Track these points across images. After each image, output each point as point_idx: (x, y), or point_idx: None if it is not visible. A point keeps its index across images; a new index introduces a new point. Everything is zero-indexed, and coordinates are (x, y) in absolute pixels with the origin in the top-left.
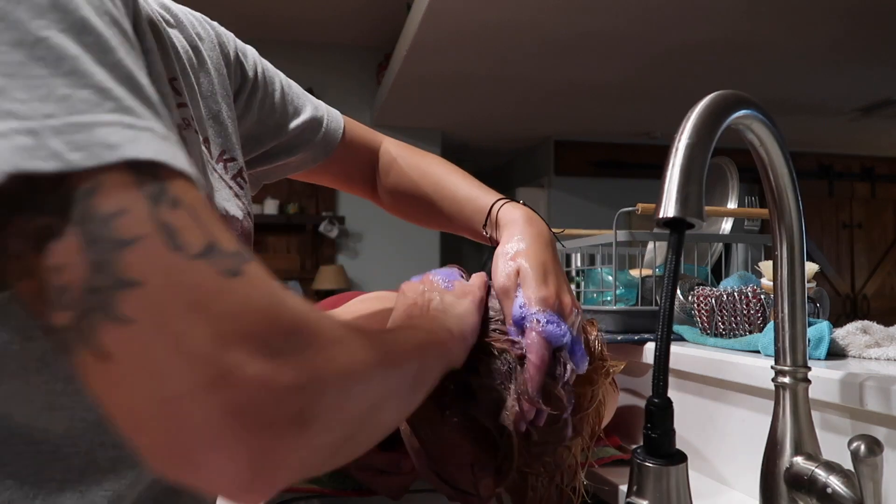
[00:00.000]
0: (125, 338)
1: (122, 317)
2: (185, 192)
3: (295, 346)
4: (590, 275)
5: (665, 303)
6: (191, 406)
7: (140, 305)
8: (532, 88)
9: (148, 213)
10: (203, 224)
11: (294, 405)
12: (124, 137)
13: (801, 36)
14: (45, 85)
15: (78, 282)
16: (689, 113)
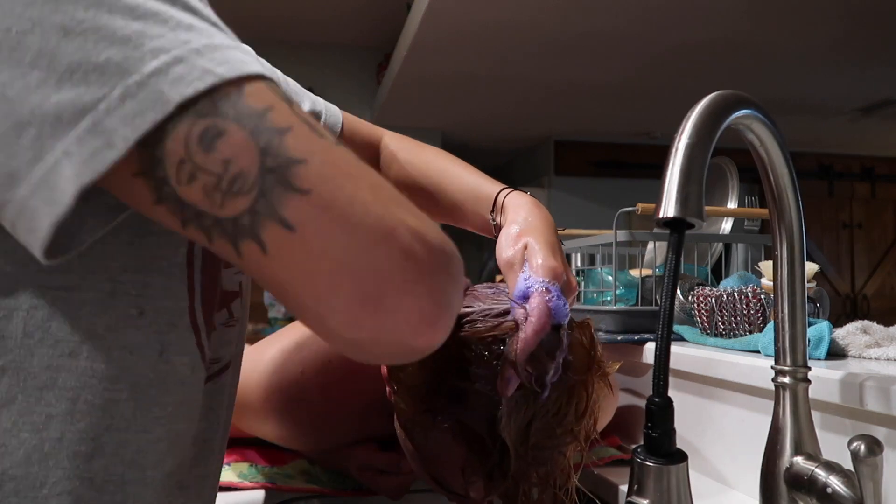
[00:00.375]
0: (307, 205)
1: (300, 188)
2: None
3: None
4: (590, 275)
5: (665, 302)
6: (377, 256)
7: (312, 177)
8: (532, 88)
9: (289, 109)
10: (320, 125)
11: (441, 252)
12: (249, 59)
13: (801, 36)
14: (172, 18)
15: (253, 166)
16: (689, 113)
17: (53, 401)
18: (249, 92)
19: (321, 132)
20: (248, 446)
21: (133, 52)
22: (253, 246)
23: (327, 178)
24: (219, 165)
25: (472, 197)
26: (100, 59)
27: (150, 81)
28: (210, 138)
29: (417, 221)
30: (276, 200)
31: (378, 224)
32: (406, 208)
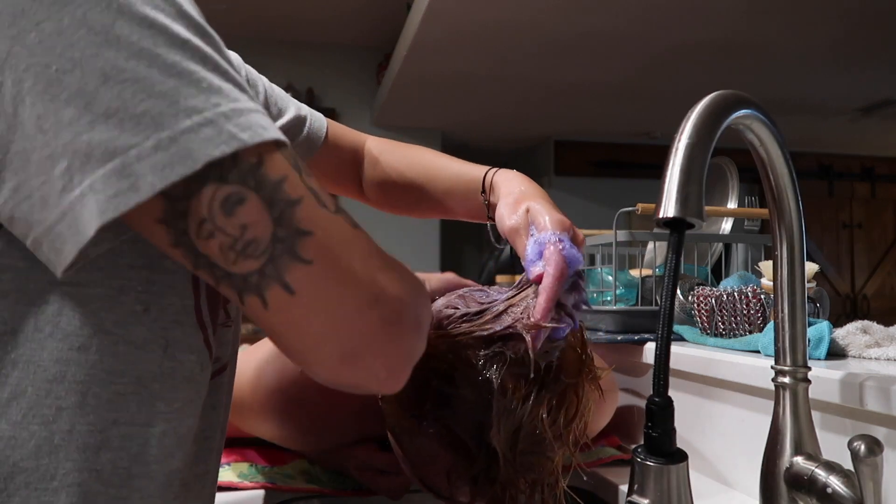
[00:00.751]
0: (307, 275)
1: (304, 258)
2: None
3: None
4: (590, 275)
5: (665, 302)
6: (359, 322)
7: (315, 250)
8: (532, 88)
9: (299, 179)
10: (323, 188)
11: (415, 314)
12: (267, 122)
13: (801, 36)
14: (204, 80)
15: (266, 234)
16: (689, 113)
17: (63, 393)
18: (268, 160)
19: (324, 201)
20: (248, 446)
21: (168, 108)
22: (256, 300)
23: (328, 250)
24: (237, 230)
25: (461, 183)
26: (137, 110)
27: (181, 138)
28: (232, 204)
29: (398, 285)
30: (282, 267)
31: (364, 294)
32: (389, 272)
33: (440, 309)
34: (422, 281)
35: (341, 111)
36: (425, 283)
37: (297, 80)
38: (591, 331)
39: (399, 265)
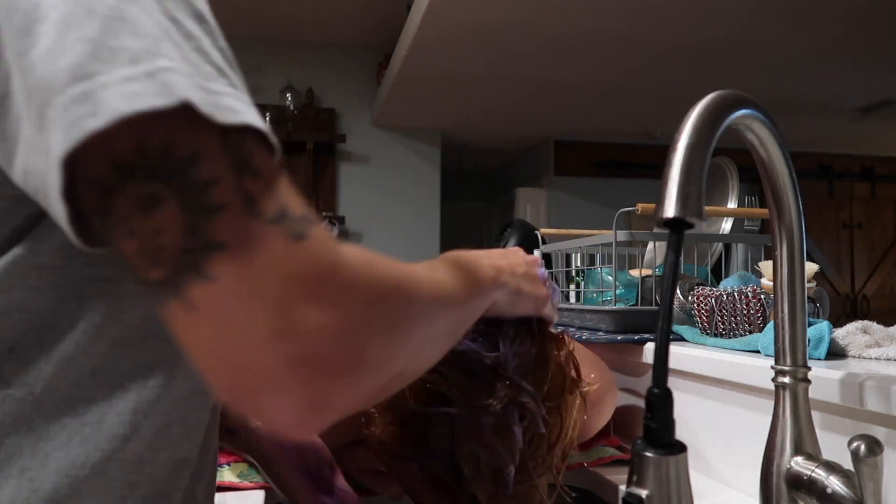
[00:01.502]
0: (209, 293)
1: (208, 275)
2: (265, 161)
3: (349, 300)
4: (590, 275)
5: (666, 293)
6: (260, 354)
7: (224, 266)
8: (532, 88)
9: (234, 183)
10: (277, 192)
11: (345, 353)
12: (243, 107)
13: (801, 36)
14: (185, 52)
15: (175, 243)
16: (689, 113)
17: (94, 387)
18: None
19: (258, 208)
20: None
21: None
22: (162, 309)
23: (238, 266)
24: (149, 232)
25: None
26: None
27: (158, 73)
28: (150, 204)
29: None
30: (184, 281)
31: (270, 324)
32: (318, 305)
33: None
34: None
35: (341, 111)
36: None
37: (297, 80)
38: (591, 331)
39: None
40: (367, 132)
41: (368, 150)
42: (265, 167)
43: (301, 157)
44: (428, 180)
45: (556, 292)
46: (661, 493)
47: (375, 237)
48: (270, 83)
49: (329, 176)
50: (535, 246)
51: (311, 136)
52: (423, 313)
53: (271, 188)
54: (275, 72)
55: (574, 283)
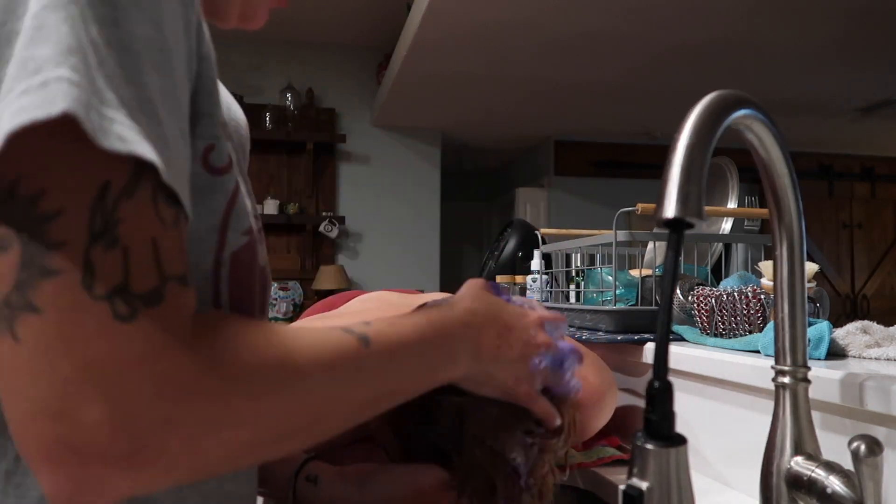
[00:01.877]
0: (11, 352)
1: (16, 334)
2: (135, 228)
3: (143, 398)
4: (590, 275)
5: (666, 287)
6: (35, 427)
7: (31, 330)
8: (532, 88)
9: (81, 250)
10: (128, 264)
11: (127, 449)
12: (135, 137)
13: (801, 36)
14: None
15: (2, 293)
16: (689, 113)
17: None
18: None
19: (90, 282)
20: None
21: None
22: None
23: (42, 337)
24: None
25: None
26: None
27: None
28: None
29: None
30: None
31: (50, 402)
32: (104, 397)
33: None
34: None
35: (341, 111)
36: None
37: (297, 80)
38: (591, 331)
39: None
40: (367, 132)
41: (368, 150)
42: (134, 234)
43: (301, 157)
44: (428, 180)
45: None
46: (661, 486)
47: (375, 237)
48: (270, 83)
49: (329, 176)
50: (535, 246)
51: (311, 136)
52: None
53: (126, 258)
54: (275, 72)
55: (574, 283)
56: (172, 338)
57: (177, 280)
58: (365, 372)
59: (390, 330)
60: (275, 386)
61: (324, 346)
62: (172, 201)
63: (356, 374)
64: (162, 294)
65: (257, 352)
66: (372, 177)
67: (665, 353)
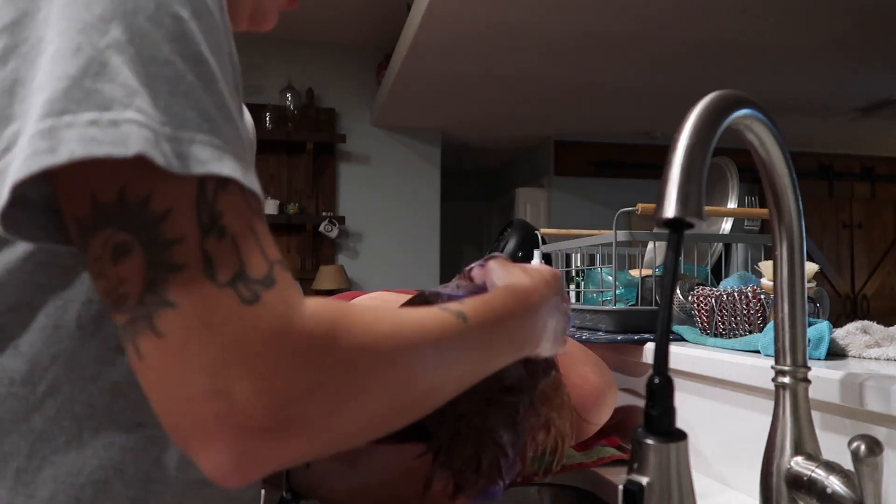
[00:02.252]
0: (156, 347)
1: (158, 330)
2: (238, 215)
3: (288, 368)
4: (590, 275)
5: (667, 282)
6: (192, 409)
7: (172, 324)
8: (532, 88)
9: (197, 243)
10: (240, 252)
11: (276, 419)
12: (212, 155)
13: (801, 36)
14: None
15: (135, 295)
16: (689, 113)
17: (97, 393)
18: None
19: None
20: None
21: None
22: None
23: (185, 328)
24: (115, 279)
25: None
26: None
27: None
28: (119, 252)
29: (259, 385)
30: (137, 331)
31: (206, 383)
32: (252, 372)
33: None
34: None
35: (341, 111)
36: None
37: (297, 80)
38: (591, 331)
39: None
40: (367, 132)
41: (368, 150)
42: (236, 223)
43: (301, 157)
44: (428, 180)
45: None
46: (661, 480)
47: (375, 237)
48: (270, 83)
49: (329, 176)
50: (535, 246)
51: (311, 136)
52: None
53: (236, 246)
54: (275, 72)
55: (574, 283)
56: (295, 315)
57: (279, 263)
58: (466, 346)
59: (484, 307)
60: (391, 357)
61: (427, 322)
62: (253, 192)
63: (458, 348)
64: (273, 277)
65: (370, 328)
66: (372, 177)
67: (666, 349)
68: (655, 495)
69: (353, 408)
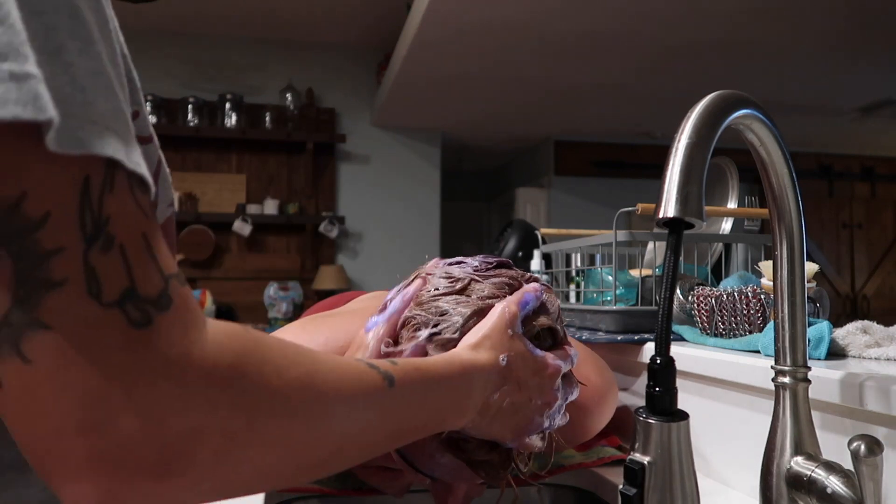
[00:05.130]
0: (21, 374)
1: (24, 356)
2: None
3: (176, 404)
4: (590, 275)
5: (668, 264)
6: (61, 444)
7: (42, 349)
8: (532, 88)
9: (80, 256)
10: (130, 266)
11: (155, 460)
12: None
13: (801, 36)
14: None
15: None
16: (689, 113)
17: None
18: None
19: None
20: None
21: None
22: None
23: (59, 354)
24: None
25: None
26: None
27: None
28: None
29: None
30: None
31: (79, 415)
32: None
33: None
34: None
35: (341, 111)
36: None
37: (297, 80)
38: (591, 331)
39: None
40: (367, 132)
41: (368, 150)
42: (125, 231)
43: (301, 157)
44: (428, 180)
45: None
46: (663, 460)
47: (375, 237)
48: (270, 83)
49: (329, 176)
50: (535, 246)
51: (311, 136)
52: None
53: (125, 259)
54: (275, 72)
55: (574, 284)
56: (194, 343)
57: (176, 278)
58: (385, 411)
59: (415, 374)
60: (298, 408)
61: (348, 376)
62: (145, 188)
63: (377, 412)
64: (169, 296)
65: (282, 371)
66: (372, 177)
67: (668, 331)
68: (657, 474)
69: (249, 457)
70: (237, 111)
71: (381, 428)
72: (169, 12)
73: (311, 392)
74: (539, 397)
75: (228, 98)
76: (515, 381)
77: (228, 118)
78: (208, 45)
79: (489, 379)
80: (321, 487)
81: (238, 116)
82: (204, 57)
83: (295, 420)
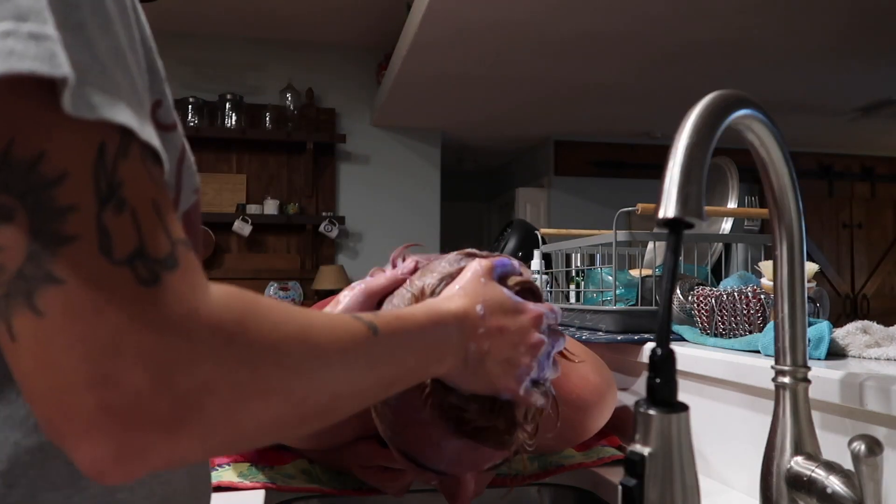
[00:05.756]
0: (34, 327)
1: (36, 308)
2: (139, 185)
3: (187, 358)
4: (590, 275)
5: (668, 258)
6: (72, 398)
7: (55, 303)
8: (532, 88)
9: (93, 214)
10: (140, 228)
11: (171, 412)
12: (103, 100)
13: (801, 35)
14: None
15: (13, 266)
16: (689, 113)
17: None
18: (72, 176)
19: (110, 245)
20: None
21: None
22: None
23: (70, 307)
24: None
25: None
26: None
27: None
28: (1, 218)
29: (149, 377)
30: (13, 308)
31: (90, 369)
32: (147, 359)
33: None
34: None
35: (341, 111)
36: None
37: (297, 80)
38: (591, 331)
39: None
40: (367, 132)
41: (368, 150)
42: (137, 195)
43: (301, 157)
44: (428, 180)
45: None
46: (663, 451)
47: (375, 237)
48: (270, 83)
49: (329, 176)
50: (535, 246)
51: (311, 136)
52: (300, 380)
53: (136, 222)
54: (275, 72)
55: (574, 284)
56: (200, 301)
57: (183, 244)
58: (373, 358)
59: (396, 322)
60: (297, 359)
61: (338, 328)
62: (156, 159)
63: (366, 360)
64: (176, 258)
65: (279, 326)
66: (372, 177)
67: (668, 321)
68: (657, 465)
69: (254, 408)
70: (237, 111)
71: (369, 375)
72: (169, 12)
73: (308, 344)
74: (523, 341)
75: (228, 98)
76: (496, 326)
77: (228, 118)
78: (208, 45)
79: (465, 323)
80: (321, 487)
81: (238, 116)
82: (204, 57)
83: (294, 372)
